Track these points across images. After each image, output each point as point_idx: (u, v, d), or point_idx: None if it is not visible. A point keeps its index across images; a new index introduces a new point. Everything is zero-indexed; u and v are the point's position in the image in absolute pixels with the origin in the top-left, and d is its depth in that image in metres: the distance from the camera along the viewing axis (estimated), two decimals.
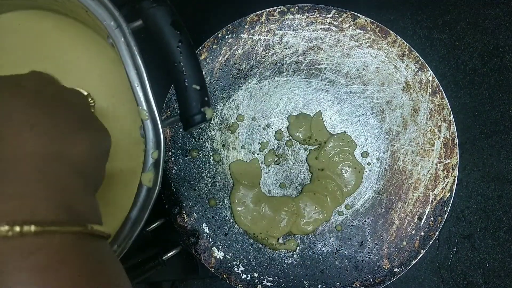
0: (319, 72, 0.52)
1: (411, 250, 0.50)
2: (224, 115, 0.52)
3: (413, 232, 0.51)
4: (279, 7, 0.51)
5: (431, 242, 0.50)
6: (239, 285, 0.50)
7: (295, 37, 0.51)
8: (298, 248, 0.51)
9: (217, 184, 0.52)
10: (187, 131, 0.51)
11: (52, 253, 0.22)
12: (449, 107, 0.51)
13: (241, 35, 0.51)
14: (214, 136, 0.52)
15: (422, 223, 0.51)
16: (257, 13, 0.51)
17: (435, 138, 0.51)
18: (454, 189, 0.51)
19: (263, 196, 0.51)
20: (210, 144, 0.52)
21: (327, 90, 0.52)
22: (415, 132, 0.52)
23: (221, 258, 0.50)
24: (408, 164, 0.52)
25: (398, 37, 0.51)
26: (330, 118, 0.52)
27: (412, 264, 0.50)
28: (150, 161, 0.34)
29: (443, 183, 0.51)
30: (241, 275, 0.50)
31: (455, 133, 0.51)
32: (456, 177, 0.51)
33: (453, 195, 0.51)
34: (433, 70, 0.51)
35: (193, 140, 0.51)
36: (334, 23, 0.51)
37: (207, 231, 0.51)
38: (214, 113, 0.51)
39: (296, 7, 0.51)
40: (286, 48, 0.52)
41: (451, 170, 0.51)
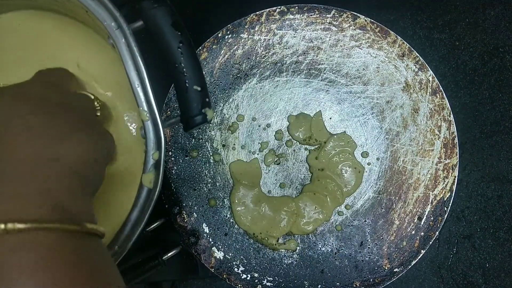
0: (319, 72, 0.52)
1: (411, 250, 0.50)
2: (224, 115, 0.52)
3: (413, 232, 0.51)
4: (279, 7, 0.51)
5: (431, 242, 0.50)
6: (239, 285, 0.50)
7: (295, 37, 0.51)
8: (298, 248, 0.51)
9: (217, 184, 0.52)
10: (187, 132, 0.51)
11: (41, 249, 0.23)
12: (449, 107, 0.51)
13: (241, 35, 0.51)
14: (214, 136, 0.52)
15: (422, 223, 0.51)
16: (257, 13, 0.51)
17: (435, 138, 0.51)
18: (454, 189, 0.51)
19: (263, 196, 0.51)
20: (210, 144, 0.52)
21: (327, 90, 0.52)
22: (415, 132, 0.52)
23: (221, 258, 0.50)
24: (408, 164, 0.52)
25: (398, 37, 0.51)
26: (330, 118, 0.52)
27: (412, 264, 0.50)
28: (150, 162, 0.34)
29: (443, 183, 0.51)
30: (241, 275, 0.50)
31: (455, 133, 0.51)
32: (456, 177, 0.51)
33: (453, 195, 0.51)
34: (433, 70, 0.51)
35: (193, 140, 0.51)
36: (334, 23, 0.51)
37: (207, 231, 0.51)
38: (214, 113, 0.51)
39: (296, 7, 0.51)
40: (286, 48, 0.52)
41: (451, 170, 0.51)
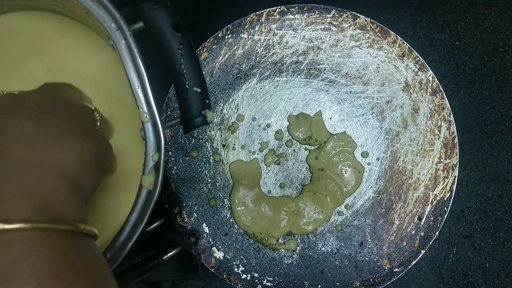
0: (319, 72, 0.52)
1: (411, 250, 0.50)
2: (224, 115, 0.52)
3: (413, 232, 0.51)
4: (279, 7, 0.51)
5: (431, 242, 0.50)
6: (239, 285, 0.50)
7: (295, 37, 0.51)
8: (298, 248, 0.51)
9: (217, 184, 0.52)
10: (187, 134, 0.51)
11: (27, 247, 0.23)
12: (449, 107, 0.51)
13: (241, 35, 0.51)
14: (214, 136, 0.52)
15: (422, 223, 0.51)
16: (257, 13, 0.51)
17: (435, 138, 0.51)
18: (454, 189, 0.51)
19: (263, 196, 0.51)
20: (210, 144, 0.52)
21: (327, 90, 0.52)
22: (415, 132, 0.52)
23: (221, 258, 0.50)
24: (408, 164, 0.52)
25: (398, 37, 0.51)
26: (330, 118, 0.52)
27: (412, 264, 0.50)
28: (150, 163, 0.33)
29: (443, 183, 0.51)
30: (241, 275, 0.50)
31: (455, 133, 0.51)
32: (456, 177, 0.51)
33: (453, 195, 0.51)
34: (433, 70, 0.51)
35: (193, 140, 0.51)
36: (334, 23, 0.51)
37: (207, 231, 0.51)
38: (214, 114, 0.51)
39: (296, 7, 0.51)
40: (286, 48, 0.52)
41: (451, 170, 0.51)
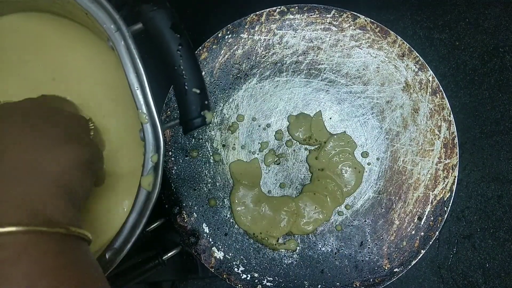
0: (319, 72, 0.52)
1: (411, 250, 0.50)
2: (224, 115, 0.52)
3: (413, 232, 0.51)
4: (279, 7, 0.51)
5: (431, 242, 0.50)
6: (239, 285, 0.50)
7: (295, 37, 0.51)
8: (298, 248, 0.51)
9: (217, 184, 0.52)
10: (187, 135, 0.51)
11: (19, 250, 0.24)
12: (449, 107, 0.51)
13: (241, 35, 0.51)
14: (214, 136, 0.52)
15: (422, 223, 0.51)
16: (257, 13, 0.51)
17: (435, 138, 0.51)
18: (454, 189, 0.51)
19: (263, 196, 0.51)
20: (210, 144, 0.52)
21: (327, 90, 0.52)
22: (415, 132, 0.52)
23: (221, 258, 0.50)
24: (408, 164, 0.52)
25: (398, 37, 0.51)
26: (330, 118, 0.52)
27: (412, 264, 0.50)
28: (149, 164, 0.33)
29: (443, 183, 0.51)
30: (241, 275, 0.50)
31: (455, 133, 0.51)
32: (456, 177, 0.51)
33: (453, 195, 0.51)
34: (433, 70, 0.51)
35: (193, 140, 0.51)
36: (334, 23, 0.51)
37: (207, 231, 0.51)
38: (214, 113, 0.51)
39: (296, 7, 0.51)
40: (286, 48, 0.52)
41: (451, 170, 0.51)
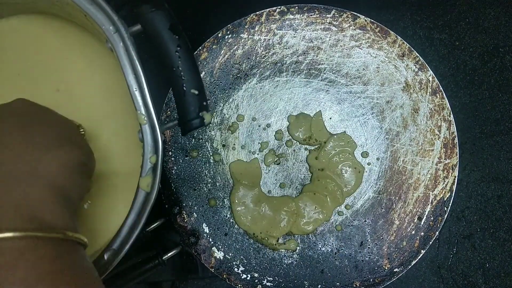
0: (319, 72, 0.52)
1: (411, 250, 0.50)
2: (224, 115, 0.52)
3: (413, 232, 0.51)
4: (279, 7, 0.51)
5: (431, 242, 0.50)
6: (239, 285, 0.50)
7: (295, 37, 0.51)
8: (298, 248, 0.51)
9: (217, 184, 0.52)
10: (185, 136, 0.50)
11: (16, 255, 0.24)
12: (449, 107, 0.51)
13: (241, 35, 0.51)
14: (214, 136, 0.52)
15: (422, 223, 0.51)
16: (257, 13, 0.51)
17: (435, 138, 0.51)
18: (454, 189, 0.51)
19: (263, 196, 0.51)
20: (210, 144, 0.52)
21: (327, 90, 0.52)
22: (415, 132, 0.52)
23: (221, 258, 0.50)
24: (408, 164, 0.52)
25: (398, 37, 0.51)
26: (330, 118, 0.52)
27: (412, 264, 0.50)
28: (148, 165, 0.33)
29: (443, 183, 0.51)
30: (241, 275, 0.50)
31: (455, 133, 0.51)
32: (456, 177, 0.51)
33: (453, 195, 0.51)
34: (433, 70, 0.51)
35: (193, 140, 0.51)
36: (334, 23, 0.51)
37: (207, 231, 0.51)
38: (214, 113, 0.51)
39: (296, 7, 0.51)
40: (286, 48, 0.52)
41: (451, 170, 0.51)
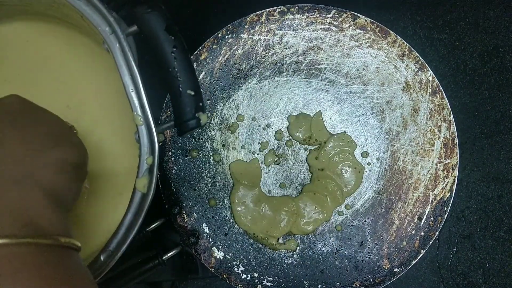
0: (319, 72, 0.52)
1: (411, 250, 0.50)
2: (224, 115, 0.52)
3: (413, 232, 0.51)
4: (279, 7, 0.51)
5: (431, 242, 0.50)
6: (239, 285, 0.50)
7: (295, 37, 0.51)
8: (298, 248, 0.51)
9: (217, 184, 0.52)
10: (182, 136, 0.50)
11: (13, 262, 0.23)
12: (449, 107, 0.51)
13: (241, 35, 0.51)
14: (214, 136, 0.52)
15: (422, 223, 0.51)
16: (257, 13, 0.51)
17: (435, 138, 0.51)
18: (454, 189, 0.51)
19: (263, 196, 0.51)
20: (210, 144, 0.52)
21: (327, 90, 0.52)
22: (415, 132, 0.52)
23: (221, 258, 0.50)
24: (408, 164, 0.52)
25: (398, 37, 0.51)
26: (330, 118, 0.52)
27: (412, 264, 0.50)
28: (144, 166, 0.33)
29: (443, 183, 0.51)
30: (241, 275, 0.50)
31: (455, 133, 0.51)
32: (456, 177, 0.51)
33: (453, 195, 0.51)
34: (433, 70, 0.51)
35: (193, 140, 0.51)
36: (334, 23, 0.51)
37: (207, 231, 0.51)
38: (214, 113, 0.51)
39: (296, 7, 0.51)
40: (286, 48, 0.52)
41: (451, 170, 0.51)
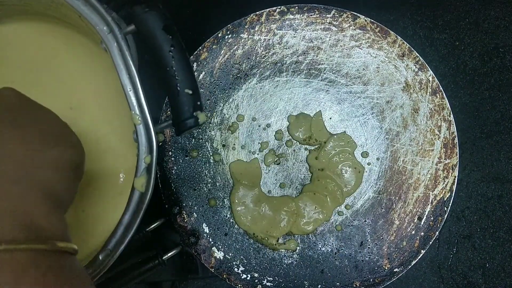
0: (319, 72, 0.52)
1: (411, 250, 0.50)
2: (224, 115, 0.52)
3: (413, 232, 0.51)
4: (279, 7, 0.51)
5: (431, 242, 0.50)
6: (239, 285, 0.50)
7: (295, 37, 0.51)
8: (298, 248, 0.51)
9: (217, 184, 0.52)
10: (180, 136, 0.50)
11: (15, 269, 0.23)
12: (449, 107, 0.51)
13: (241, 35, 0.51)
14: (214, 136, 0.52)
15: (422, 223, 0.51)
16: (257, 13, 0.51)
17: (435, 138, 0.51)
18: (454, 189, 0.51)
19: (263, 196, 0.51)
20: (210, 144, 0.52)
21: (327, 90, 0.52)
22: (415, 132, 0.52)
23: (221, 258, 0.50)
24: (408, 164, 0.52)
25: (398, 37, 0.51)
26: (330, 118, 0.52)
27: (412, 264, 0.50)
28: (142, 165, 0.33)
29: (443, 183, 0.51)
30: (241, 275, 0.50)
31: (455, 133, 0.51)
32: (456, 177, 0.51)
33: (453, 195, 0.51)
34: (433, 70, 0.51)
35: (193, 140, 0.51)
36: (334, 23, 0.51)
37: (207, 231, 0.51)
38: (214, 113, 0.51)
39: (296, 7, 0.51)
40: (286, 48, 0.52)
41: (451, 170, 0.51)
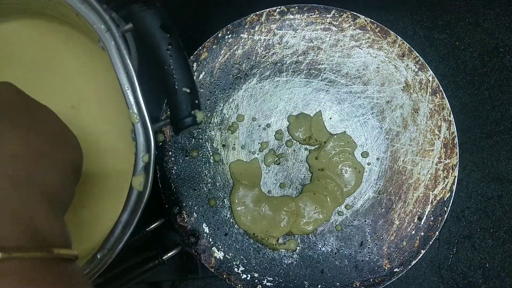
0: (319, 72, 0.52)
1: (411, 250, 0.50)
2: (224, 115, 0.52)
3: (413, 232, 0.51)
4: (279, 7, 0.51)
5: (431, 242, 0.50)
6: (239, 285, 0.50)
7: (295, 37, 0.51)
8: (298, 248, 0.51)
9: (217, 184, 0.52)
10: (179, 135, 0.50)
11: (23, 278, 0.22)
12: (449, 107, 0.51)
13: (241, 35, 0.51)
14: (214, 136, 0.52)
15: (422, 223, 0.51)
16: (257, 13, 0.51)
17: (435, 138, 0.51)
18: (454, 189, 0.51)
19: (263, 196, 0.51)
20: (210, 144, 0.52)
21: (327, 90, 0.52)
22: (415, 132, 0.52)
23: (221, 258, 0.50)
24: (408, 164, 0.52)
25: (398, 37, 0.51)
26: (330, 118, 0.52)
27: (412, 264, 0.50)
28: (140, 164, 0.33)
29: (443, 183, 0.51)
30: (241, 275, 0.50)
31: (455, 133, 0.51)
32: (456, 177, 0.51)
33: (453, 195, 0.51)
34: (433, 70, 0.51)
35: (193, 140, 0.51)
36: (334, 23, 0.51)
37: (207, 231, 0.51)
38: (214, 113, 0.51)
39: (296, 7, 0.51)
40: (286, 48, 0.52)
41: (451, 170, 0.51)
